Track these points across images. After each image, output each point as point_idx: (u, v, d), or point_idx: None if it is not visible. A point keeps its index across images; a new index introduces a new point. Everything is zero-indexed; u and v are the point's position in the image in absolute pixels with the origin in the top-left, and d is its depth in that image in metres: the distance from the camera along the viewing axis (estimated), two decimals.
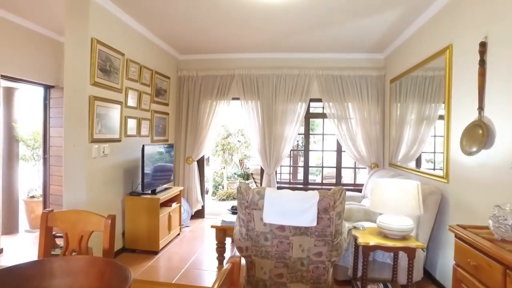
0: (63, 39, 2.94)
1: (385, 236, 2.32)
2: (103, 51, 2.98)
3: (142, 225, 3.43)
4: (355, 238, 2.38)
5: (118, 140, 3.36)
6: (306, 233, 1.94)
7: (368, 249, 2.23)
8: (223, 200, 7.08)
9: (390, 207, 2.20)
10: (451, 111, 2.69)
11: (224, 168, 7.90)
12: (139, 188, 3.53)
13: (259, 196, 1.91)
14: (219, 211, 5.85)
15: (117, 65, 3.24)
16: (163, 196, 3.55)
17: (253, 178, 6.23)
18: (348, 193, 4.39)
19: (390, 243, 2.21)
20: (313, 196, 1.88)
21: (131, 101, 3.60)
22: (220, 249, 3.14)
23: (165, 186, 4.12)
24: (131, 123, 3.63)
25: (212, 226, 3.13)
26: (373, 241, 2.24)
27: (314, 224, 1.86)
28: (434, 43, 3.06)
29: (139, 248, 3.47)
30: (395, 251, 2.32)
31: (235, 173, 8.35)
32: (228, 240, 3.25)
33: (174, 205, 3.98)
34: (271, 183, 4.74)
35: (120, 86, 3.33)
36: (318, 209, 1.86)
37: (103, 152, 3.06)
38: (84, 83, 2.80)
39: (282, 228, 1.94)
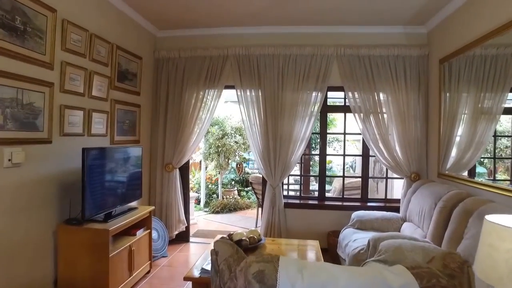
0: None
1: None
2: None
3: (84, 269, 2.26)
4: None
5: (46, 141, 2.21)
6: None
7: None
8: (217, 212, 5.93)
9: None
10: None
11: (219, 173, 6.74)
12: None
13: None
14: (210, 230, 4.69)
15: (40, 25, 2.08)
16: (117, 225, 2.38)
17: (253, 189, 5.05)
18: (380, 213, 3.24)
19: None
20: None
21: (73, 83, 2.44)
22: None
23: (133, 204, 2.97)
24: (74, 117, 2.47)
25: (185, 278, 1.98)
26: None
27: None
28: None
29: None
30: None
31: (232, 180, 7.19)
32: None
33: (140, 232, 2.82)
34: (276, 198, 3.57)
35: (48, 59, 2.18)
36: None
37: (10, 160, 1.90)
38: None
39: None
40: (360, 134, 3.69)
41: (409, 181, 3.45)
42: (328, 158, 7.10)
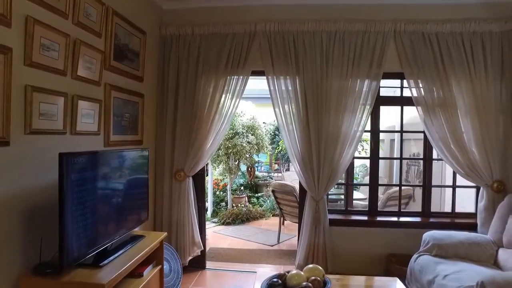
0: None
1: None
2: None
3: None
4: None
5: (2, 142, 1.37)
6: None
7: None
8: (228, 223, 5.11)
9: None
10: None
11: (226, 177, 5.92)
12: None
13: None
14: (226, 248, 3.86)
15: None
16: (117, 273, 1.55)
17: (276, 198, 4.23)
18: (463, 235, 2.48)
19: None
20: None
21: (47, 54, 1.60)
22: None
23: (137, 230, 2.14)
24: (49, 105, 1.63)
25: None
26: None
27: None
28: None
29: None
30: None
31: (241, 185, 6.38)
32: None
33: (149, 270, 1.99)
34: (321, 215, 2.78)
35: (1, 8, 1.34)
36: None
37: None
38: None
39: None
40: (421, 132, 2.95)
41: (490, 192, 2.71)
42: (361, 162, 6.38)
